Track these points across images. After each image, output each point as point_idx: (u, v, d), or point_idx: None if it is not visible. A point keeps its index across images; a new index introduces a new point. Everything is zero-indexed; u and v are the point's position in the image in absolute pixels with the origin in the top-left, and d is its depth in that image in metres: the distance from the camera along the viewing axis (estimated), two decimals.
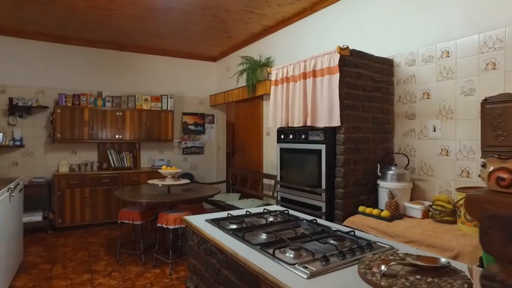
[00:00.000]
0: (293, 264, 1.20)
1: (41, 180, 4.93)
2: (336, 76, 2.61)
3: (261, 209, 2.15)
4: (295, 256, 1.30)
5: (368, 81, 2.82)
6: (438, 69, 2.70)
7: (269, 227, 1.75)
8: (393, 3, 3.10)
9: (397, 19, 3.06)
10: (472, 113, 2.47)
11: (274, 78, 3.34)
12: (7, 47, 4.92)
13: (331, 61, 2.66)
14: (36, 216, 4.65)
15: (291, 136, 3.10)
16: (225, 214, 2.00)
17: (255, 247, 1.41)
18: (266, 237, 1.57)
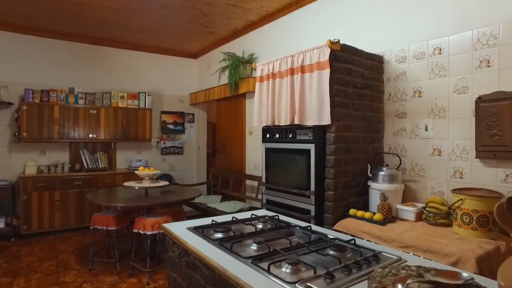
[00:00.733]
0: (293, 283, 1.03)
1: (3, 183, 4.50)
2: (326, 71, 2.47)
3: (248, 214, 1.97)
4: (293, 271, 1.13)
5: (358, 78, 2.70)
6: (430, 66, 2.61)
7: (259, 235, 1.57)
8: None
9: (386, 15, 2.96)
10: (466, 111, 2.39)
11: (259, 74, 3.17)
12: None
13: (321, 55, 2.51)
14: None
15: (277, 135, 2.94)
16: (209, 221, 1.80)
17: (246, 261, 1.23)
18: (257, 247, 1.39)
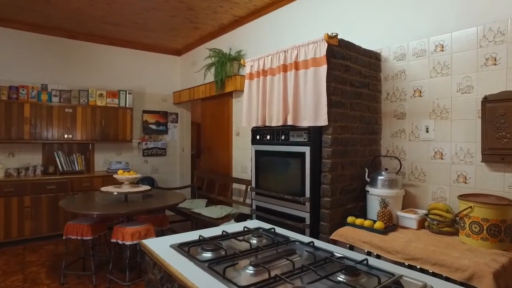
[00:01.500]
0: None
1: None
2: (323, 68, 2.28)
3: (240, 226, 1.75)
4: None
5: (356, 76, 2.52)
6: (432, 64, 2.45)
7: (255, 254, 1.35)
8: None
9: (384, 9, 2.79)
10: (470, 112, 2.25)
11: (248, 71, 2.95)
12: None
13: (317, 51, 2.32)
14: None
15: (268, 137, 2.73)
16: (196, 236, 1.57)
17: None
18: (254, 272, 1.18)
